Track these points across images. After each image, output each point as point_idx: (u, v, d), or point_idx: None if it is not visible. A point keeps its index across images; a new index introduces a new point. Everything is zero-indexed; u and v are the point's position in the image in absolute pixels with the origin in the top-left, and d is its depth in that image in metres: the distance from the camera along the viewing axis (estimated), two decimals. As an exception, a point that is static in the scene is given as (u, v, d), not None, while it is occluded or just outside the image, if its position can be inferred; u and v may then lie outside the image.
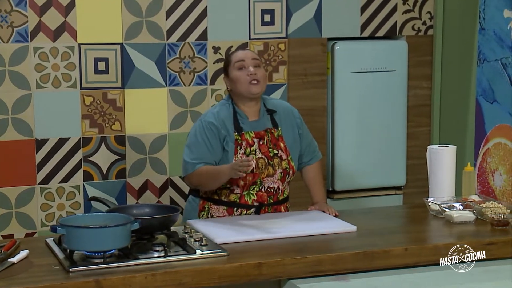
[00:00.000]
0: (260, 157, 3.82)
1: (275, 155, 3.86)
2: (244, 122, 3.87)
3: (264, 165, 3.82)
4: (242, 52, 3.94)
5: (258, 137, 3.86)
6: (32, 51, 4.65)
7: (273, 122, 3.93)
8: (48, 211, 4.77)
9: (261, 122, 3.91)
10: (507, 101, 4.61)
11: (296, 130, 3.98)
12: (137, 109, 4.86)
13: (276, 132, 3.91)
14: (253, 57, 3.89)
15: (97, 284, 2.89)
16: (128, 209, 3.47)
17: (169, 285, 2.99)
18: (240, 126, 3.85)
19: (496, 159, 4.68)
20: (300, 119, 4.03)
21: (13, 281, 2.88)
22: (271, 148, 3.86)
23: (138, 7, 4.80)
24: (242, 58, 3.87)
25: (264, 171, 3.82)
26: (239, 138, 3.83)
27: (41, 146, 4.72)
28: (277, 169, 3.85)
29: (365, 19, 5.29)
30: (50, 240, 3.37)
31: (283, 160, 3.87)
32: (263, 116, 3.92)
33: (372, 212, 4.05)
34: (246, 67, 3.85)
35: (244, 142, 3.83)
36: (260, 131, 3.88)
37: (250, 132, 3.86)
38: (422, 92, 5.48)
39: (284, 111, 4.00)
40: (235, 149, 3.81)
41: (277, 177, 3.86)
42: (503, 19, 4.65)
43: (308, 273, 3.15)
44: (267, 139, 3.87)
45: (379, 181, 5.44)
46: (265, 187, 3.85)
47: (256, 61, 3.88)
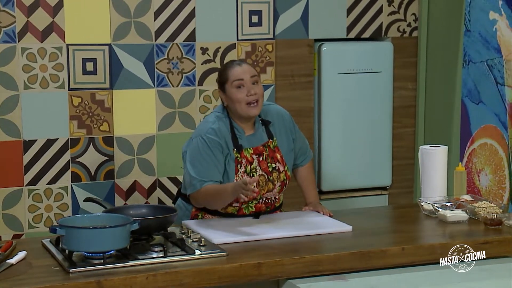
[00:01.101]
0: (261, 174, 3.76)
1: (273, 169, 3.80)
2: (242, 137, 3.78)
3: (265, 181, 3.77)
4: (240, 69, 3.75)
5: (256, 153, 3.78)
6: (20, 52, 4.62)
7: (268, 133, 3.85)
8: (36, 213, 4.74)
9: (257, 136, 3.83)
10: (493, 102, 4.66)
11: (290, 136, 3.93)
12: (125, 110, 4.85)
13: (272, 143, 3.84)
14: (252, 74, 3.74)
15: (98, 285, 2.89)
16: (125, 209, 3.46)
17: (170, 286, 2.99)
18: (239, 144, 3.75)
19: (482, 160, 4.73)
20: (291, 123, 3.97)
21: (14, 282, 2.87)
22: (270, 163, 3.80)
23: (126, 7, 4.79)
24: (241, 76, 3.72)
25: (265, 188, 3.78)
26: (239, 156, 3.74)
27: (29, 147, 4.69)
28: (276, 183, 3.81)
29: (351, 20, 5.32)
30: (46, 241, 3.36)
31: (280, 172, 3.83)
32: (258, 128, 3.84)
33: (364, 212, 4.07)
34: (245, 86, 3.72)
35: (244, 160, 3.74)
36: (258, 146, 3.80)
37: (249, 148, 3.77)
38: (407, 93, 5.52)
39: (277, 118, 3.92)
40: (235, 168, 3.73)
41: (276, 190, 3.83)
42: (488, 21, 4.70)
43: (306, 273, 3.17)
44: (266, 155, 3.80)
45: (365, 181, 5.47)
46: (264, 199, 3.82)
47: (254, 78, 3.74)
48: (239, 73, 3.73)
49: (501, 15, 4.60)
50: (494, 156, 4.67)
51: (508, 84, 4.54)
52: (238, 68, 3.75)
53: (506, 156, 4.59)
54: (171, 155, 4.94)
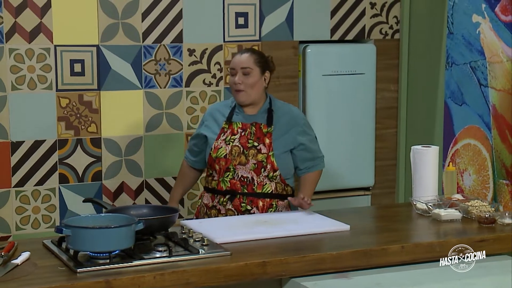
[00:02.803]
0: (235, 145, 3.97)
1: (253, 146, 3.97)
2: (239, 114, 4.06)
3: (238, 153, 3.96)
4: (237, 57, 4.04)
5: (243, 128, 4.01)
6: (8, 53, 4.60)
7: (269, 120, 4.02)
8: (23, 214, 4.72)
9: (254, 117, 4.04)
10: (476, 103, 4.73)
11: (295, 136, 4.04)
12: (113, 111, 4.85)
13: (266, 129, 3.99)
14: (243, 65, 3.98)
15: (107, 285, 2.89)
16: (126, 210, 3.46)
17: (177, 285, 3.00)
18: (231, 117, 4.05)
19: (466, 160, 4.80)
20: (302, 128, 4.08)
21: (22, 282, 2.86)
22: (252, 140, 3.98)
23: (114, 9, 4.79)
24: (234, 65, 4.02)
25: (236, 159, 3.96)
26: (226, 127, 4.02)
27: (16, 149, 4.67)
28: (250, 159, 3.95)
29: (335, 22, 5.37)
30: (47, 241, 3.35)
31: (260, 153, 3.96)
32: (261, 113, 4.04)
33: (358, 211, 4.12)
34: (236, 75, 3.98)
35: (229, 130, 4.02)
36: (247, 123, 4.02)
37: (238, 123, 4.03)
38: (389, 95, 5.58)
39: (289, 115, 4.08)
40: (218, 135, 4.02)
41: (250, 167, 3.95)
42: (471, 23, 4.77)
43: (309, 272, 3.20)
44: (250, 132, 4.00)
45: (348, 182, 5.53)
46: (239, 175, 3.96)
47: (246, 69, 3.98)
48: (234, 62, 4.04)
49: (484, 18, 4.68)
50: (478, 156, 4.73)
51: (492, 85, 4.61)
52: (237, 57, 4.05)
53: (489, 157, 4.66)
54: (159, 156, 4.95)
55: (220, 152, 3.98)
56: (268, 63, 4.07)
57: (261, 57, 4.05)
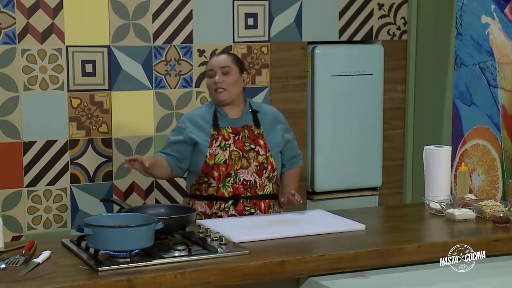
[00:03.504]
0: (234, 150, 3.96)
1: (251, 149, 3.99)
2: (223, 119, 4.02)
3: (238, 157, 3.95)
4: (215, 59, 4.05)
5: (234, 133, 4.00)
6: (20, 53, 4.62)
7: (256, 121, 4.06)
8: (35, 214, 4.74)
9: (241, 120, 4.05)
10: (485, 104, 4.77)
11: (282, 134, 4.11)
12: (124, 111, 4.88)
13: (257, 130, 4.04)
14: (222, 64, 4.00)
15: (129, 283, 2.91)
16: (143, 209, 3.48)
17: (197, 284, 3.01)
18: (218, 123, 4.00)
19: (474, 160, 4.83)
20: (285, 125, 4.18)
21: (45, 281, 2.88)
22: (248, 143, 4.00)
23: (125, 9, 4.82)
24: (212, 67, 4.02)
25: (238, 163, 3.95)
26: (216, 133, 3.98)
27: (28, 149, 4.70)
28: (252, 162, 3.97)
29: (343, 23, 5.40)
30: (66, 240, 3.37)
31: (260, 155, 3.99)
32: (246, 115, 4.06)
33: (370, 211, 4.15)
34: (215, 75, 3.99)
35: (220, 137, 3.97)
36: (238, 127, 4.01)
37: (227, 128, 4.00)
38: (397, 96, 5.61)
39: (271, 114, 4.13)
40: (210, 142, 3.95)
41: (252, 170, 3.96)
42: (480, 24, 4.81)
43: (327, 271, 3.21)
44: (243, 135, 4.00)
45: (356, 182, 5.56)
46: (241, 179, 3.96)
47: (225, 68, 4.00)
48: (212, 64, 4.04)
49: (493, 19, 4.71)
50: (487, 156, 4.77)
51: (501, 86, 4.65)
52: (214, 59, 4.06)
53: (499, 157, 4.69)
54: (169, 157, 4.97)
55: (218, 158, 3.94)
56: (244, 65, 4.12)
57: (238, 58, 4.12)
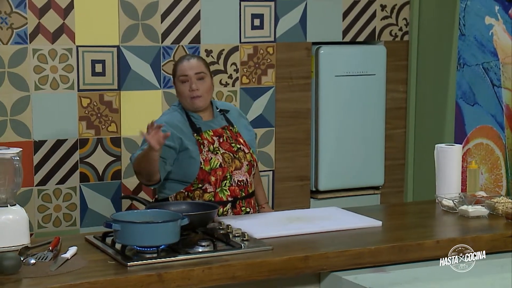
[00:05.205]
0: (224, 152, 3.95)
1: (238, 149, 4.01)
2: (199, 123, 3.98)
3: (231, 159, 3.96)
4: (187, 63, 3.96)
5: (216, 135, 3.98)
6: (31, 53, 4.65)
7: (228, 121, 4.08)
8: (45, 213, 4.77)
9: (216, 122, 4.03)
10: (489, 104, 4.85)
11: (249, 129, 4.20)
12: (133, 111, 4.91)
13: (233, 129, 4.08)
14: (197, 70, 3.93)
15: (159, 278, 2.96)
16: (166, 206, 3.54)
17: (224, 278, 3.07)
18: (198, 127, 3.95)
19: (478, 159, 4.91)
20: (247, 120, 4.26)
21: (77, 276, 2.92)
22: (234, 143, 4.01)
23: (134, 10, 4.86)
24: (186, 72, 3.93)
25: (232, 165, 3.95)
26: (200, 138, 3.93)
27: (38, 148, 4.72)
28: (243, 161, 4.00)
29: (346, 24, 5.47)
30: (90, 236, 3.42)
31: (246, 153, 4.04)
32: (217, 116, 4.06)
33: (380, 209, 4.21)
34: (189, 81, 3.92)
35: (205, 141, 3.93)
36: (218, 129, 4.01)
37: (208, 131, 3.97)
38: (398, 96, 5.68)
39: (236, 111, 4.21)
40: (199, 149, 3.91)
41: (244, 169, 4.00)
42: (484, 25, 4.89)
43: (348, 266, 3.28)
44: (226, 136, 4.01)
45: (358, 181, 5.62)
46: (235, 181, 3.97)
47: (200, 74, 3.94)
48: (184, 69, 3.94)
49: (497, 20, 4.80)
50: (490, 155, 4.85)
51: (505, 86, 4.73)
52: (186, 64, 3.96)
53: (503, 156, 4.78)
54: (177, 156, 5.01)
55: (213, 163, 3.91)
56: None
57: (206, 61, 4.09)
